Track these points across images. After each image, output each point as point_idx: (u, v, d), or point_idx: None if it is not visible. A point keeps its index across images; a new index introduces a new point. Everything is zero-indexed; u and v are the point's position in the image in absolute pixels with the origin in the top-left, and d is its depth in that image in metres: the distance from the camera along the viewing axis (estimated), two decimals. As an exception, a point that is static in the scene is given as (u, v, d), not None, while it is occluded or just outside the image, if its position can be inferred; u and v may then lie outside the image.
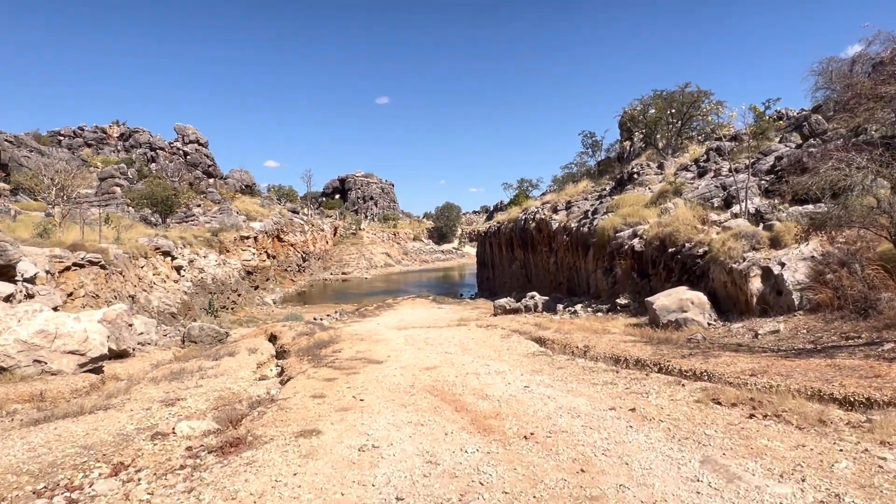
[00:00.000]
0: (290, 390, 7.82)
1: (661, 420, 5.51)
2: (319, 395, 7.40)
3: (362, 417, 6.19)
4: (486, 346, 12.50)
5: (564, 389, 7.24)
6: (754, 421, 5.26)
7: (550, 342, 13.80)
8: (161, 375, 10.16)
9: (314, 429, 5.72)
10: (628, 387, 7.21)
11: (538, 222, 31.95)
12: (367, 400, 7.06)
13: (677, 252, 17.61)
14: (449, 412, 6.29)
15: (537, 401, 6.65)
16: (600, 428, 5.43)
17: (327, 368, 9.49)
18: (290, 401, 7.10)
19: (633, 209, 23.09)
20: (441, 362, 10.00)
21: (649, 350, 10.72)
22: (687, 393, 6.58)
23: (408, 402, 6.84)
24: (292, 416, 6.30)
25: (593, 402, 6.43)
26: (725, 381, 7.36)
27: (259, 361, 12.50)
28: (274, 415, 6.43)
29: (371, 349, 12.24)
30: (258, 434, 5.75)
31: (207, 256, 34.66)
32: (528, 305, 23.73)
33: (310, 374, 9.15)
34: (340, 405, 6.83)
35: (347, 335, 16.10)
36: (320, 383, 8.24)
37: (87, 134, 53.41)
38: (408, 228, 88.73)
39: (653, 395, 6.58)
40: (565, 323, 17.04)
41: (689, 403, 6.07)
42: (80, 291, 18.28)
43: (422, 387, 7.70)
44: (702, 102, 32.13)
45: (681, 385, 7.06)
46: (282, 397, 7.40)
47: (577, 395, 6.90)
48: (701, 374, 8.27)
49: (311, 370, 9.46)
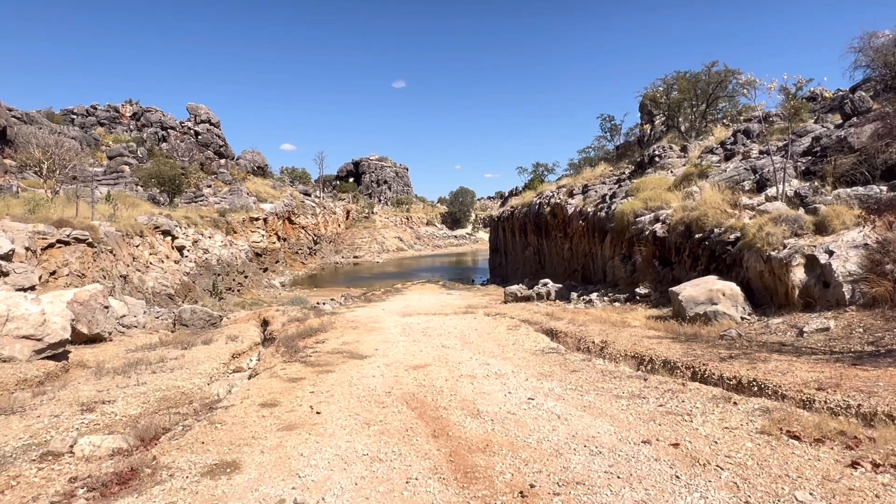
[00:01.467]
0: (240, 394, 6.25)
1: (719, 466, 3.80)
2: (271, 402, 5.82)
3: (306, 444, 4.58)
4: (489, 338, 10.85)
5: (579, 404, 5.56)
6: (863, 475, 3.54)
7: (563, 335, 12.11)
8: (112, 367, 8.66)
9: (233, 461, 4.14)
10: (662, 403, 5.50)
11: (553, 207, 30.08)
12: (324, 413, 5.47)
13: (705, 238, 15.73)
14: (423, 438, 4.66)
15: (543, 422, 5.00)
16: (634, 478, 3.72)
17: (299, 364, 7.91)
18: (231, 410, 5.53)
19: (654, 193, 21.12)
20: (434, 359, 8.37)
21: (679, 349, 8.98)
22: (743, 416, 4.87)
23: (375, 420, 5.24)
24: (218, 437, 4.74)
25: (619, 428, 4.74)
26: (787, 398, 5.63)
27: (236, 351, 10.96)
28: (199, 432, 4.87)
29: (360, 340, 10.64)
30: (163, 463, 4.18)
31: (213, 237, 33.29)
32: (540, 293, 21.98)
33: (276, 371, 7.57)
34: (288, 421, 5.24)
35: (343, 322, 14.56)
36: (282, 385, 6.66)
37: (100, 113, 52.22)
38: (421, 213, 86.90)
39: (698, 419, 4.88)
40: (580, 313, 15.29)
41: (753, 436, 4.35)
42: (64, 270, 16.92)
43: (400, 395, 6.08)
44: (729, 82, 29.82)
45: (731, 403, 5.33)
46: (224, 405, 5.81)
47: (595, 413, 5.21)
48: (750, 385, 6.54)
49: (280, 366, 7.89)
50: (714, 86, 30.02)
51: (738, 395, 5.68)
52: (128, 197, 33.15)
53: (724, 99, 31.11)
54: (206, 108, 53.49)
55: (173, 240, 26.94)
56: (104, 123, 52.08)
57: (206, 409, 5.81)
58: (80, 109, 52.22)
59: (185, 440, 4.67)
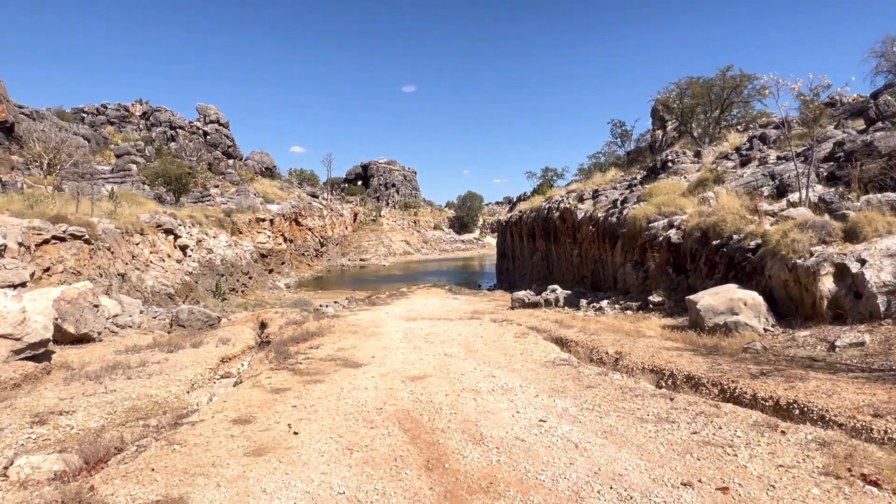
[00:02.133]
0: (213, 407, 5.49)
1: (786, 522, 3.01)
2: (246, 418, 5.06)
3: (273, 475, 3.80)
4: (495, 347, 10.04)
5: (599, 429, 4.75)
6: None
7: (574, 345, 11.28)
8: (87, 371, 7.93)
9: (180, 497, 3.39)
10: (696, 429, 4.68)
11: (562, 212, 29.25)
12: (303, 434, 4.69)
13: (723, 245, 14.87)
14: (415, 471, 3.88)
15: (558, 453, 4.19)
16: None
17: (287, 373, 7.14)
18: (198, 427, 4.77)
19: (668, 198, 20.25)
20: (434, 369, 7.58)
21: (702, 363, 8.15)
22: (797, 450, 4.05)
23: (360, 444, 4.45)
24: (173, 462, 3.98)
25: (650, 464, 3.93)
26: (839, 426, 4.80)
27: (226, 355, 10.21)
28: (153, 455, 4.10)
29: (357, 346, 9.86)
30: (99, 496, 3.42)
31: (218, 237, 32.68)
32: (548, 299, 21.15)
33: (261, 379, 6.80)
34: (259, 443, 4.46)
35: (342, 326, 13.79)
36: (262, 396, 5.90)
37: (111, 112, 51.92)
38: (429, 217, 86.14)
39: (743, 452, 4.06)
40: (590, 321, 14.45)
41: (817, 478, 3.52)
42: (59, 267, 16.28)
43: (393, 412, 5.30)
44: (744, 88, 28.95)
45: (778, 431, 4.50)
46: (192, 419, 5.05)
47: (619, 442, 4.40)
48: (790, 408, 5.70)
49: (266, 374, 7.12)
50: (729, 91, 29.17)
51: (784, 422, 4.84)
52: (133, 195, 32.64)
53: (739, 104, 30.26)
54: (216, 109, 53.09)
55: (176, 239, 26.31)
56: (114, 122, 51.79)
57: (172, 424, 5.06)
58: (91, 108, 51.95)
59: (135, 465, 3.92)
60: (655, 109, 39.07)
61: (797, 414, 5.65)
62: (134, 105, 53.30)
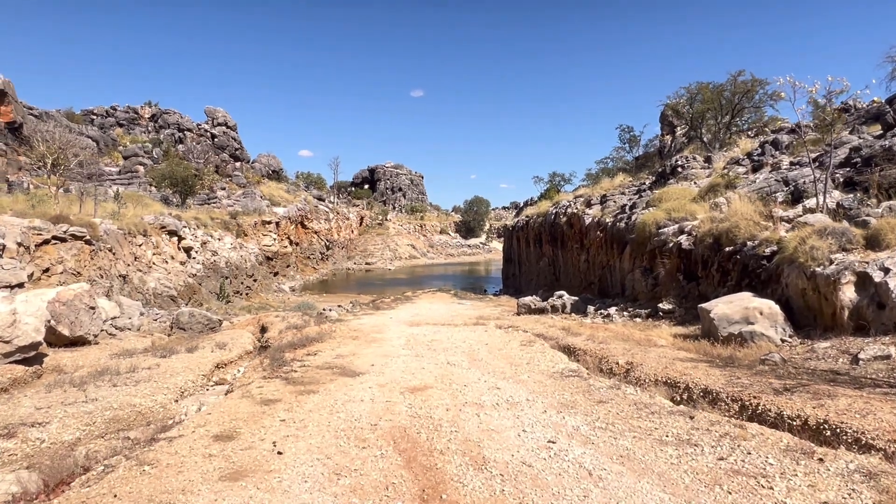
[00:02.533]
0: (196, 420, 5.07)
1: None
2: (229, 434, 4.63)
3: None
4: (500, 355, 9.58)
5: (615, 453, 4.28)
6: None
7: (582, 354, 10.80)
8: (73, 377, 7.53)
9: (137, 535, 2.94)
10: (722, 454, 4.20)
11: (570, 217, 28.77)
12: (288, 455, 4.25)
13: (736, 251, 14.36)
14: (408, 502, 3.43)
15: (570, 482, 3.73)
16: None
17: (279, 382, 6.71)
18: (175, 444, 4.35)
19: (678, 203, 19.74)
20: (436, 379, 7.13)
21: (719, 376, 7.65)
22: (840, 482, 3.57)
23: (349, 467, 4.01)
24: (139, 487, 3.55)
25: (676, 497, 3.45)
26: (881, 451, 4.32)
27: (221, 361, 9.80)
28: (119, 477, 3.68)
29: (356, 353, 9.43)
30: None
31: (223, 239, 32.38)
32: (554, 305, 20.65)
33: (251, 389, 6.38)
34: (239, 464, 4.03)
35: (344, 331, 13.37)
36: (250, 408, 5.47)
37: (120, 114, 51.91)
38: (435, 221, 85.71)
39: (779, 485, 3.59)
40: (599, 328, 13.96)
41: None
42: (58, 268, 15.96)
43: (388, 429, 4.85)
44: (756, 93, 28.39)
45: (815, 459, 4.03)
46: (171, 434, 4.63)
47: (639, 469, 3.94)
48: (820, 429, 5.21)
49: (258, 383, 6.69)
50: (740, 96, 28.64)
51: (820, 447, 4.36)
52: (139, 197, 32.41)
53: (750, 110, 29.72)
54: (224, 112, 52.99)
55: (180, 240, 25.99)
56: (123, 124, 51.76)
57: (148, 440, 4.63)
58: (100, 110, 51.95)
59: (99, 489, 3.50)
60: (664, 115, 38.54)
61: (829, 436, 5.16)
62: (143, 107, 53.29)
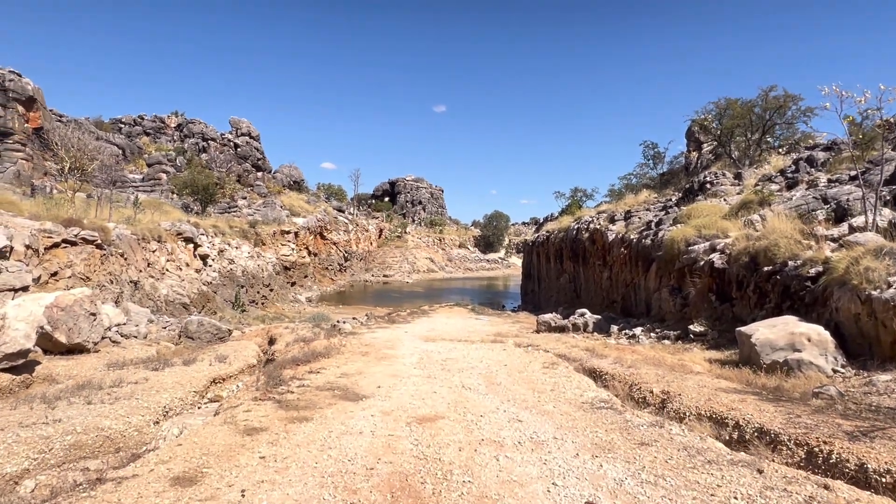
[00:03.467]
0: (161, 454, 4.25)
1: None
2: (191, 476, 3.81)
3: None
4: (521, 379, 8.65)
5: (672, 518, 3.36)
6: None
7: (610, 379, 9.83)
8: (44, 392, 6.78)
9: None
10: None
11: (592, 233, 27.73)
12: (258, 509, 3.40)
13: (775, 271, 13.28)
14: None
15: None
16: None
17: (271, 405, 5.88)
18: (122, 489, 3.53)
19: (708, 220, 18.66)
20: (449, 407, 6.24)
21: (773, 412, 6.62)
22: None
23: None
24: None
25: None
26: None
27: (218, 375, 9.01)
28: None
29: (363, 372, 8.57)
30: None
31: (240, 247, 31.93)
32: (576, 324, 19.63)
33: (237, 413, 5.55)
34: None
35: (354, 346, 12.54)
36: (229, 439, 4.65)
37: (147, 123, 52.31)
38: (454, 235, 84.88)
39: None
40: (625, 350, 12.92)
41: None
42: (66, 272, 15.45)
43: (387, 476, 3.98)
44: (788, 109, 27.20)
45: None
46: (122, 474, 3.81)
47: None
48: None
49: (245, 406, 5.87)
50: (771, 112, 27.47)
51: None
52: (160, 203, 32.21)
53: (782, 126, 28.51)
54: (248, 122, 53.08)
55: (196, 248, 25.53)
56: (150, 133, 52.12)
57: (94, 480, 3.81)
58: (128, 119, 52.42)
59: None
60: (691, 131, 37.42)
61: (931, 498, 4.16)
62: (170, 117, 53.67)
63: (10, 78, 33.35)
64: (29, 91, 33.99)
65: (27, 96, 33.80)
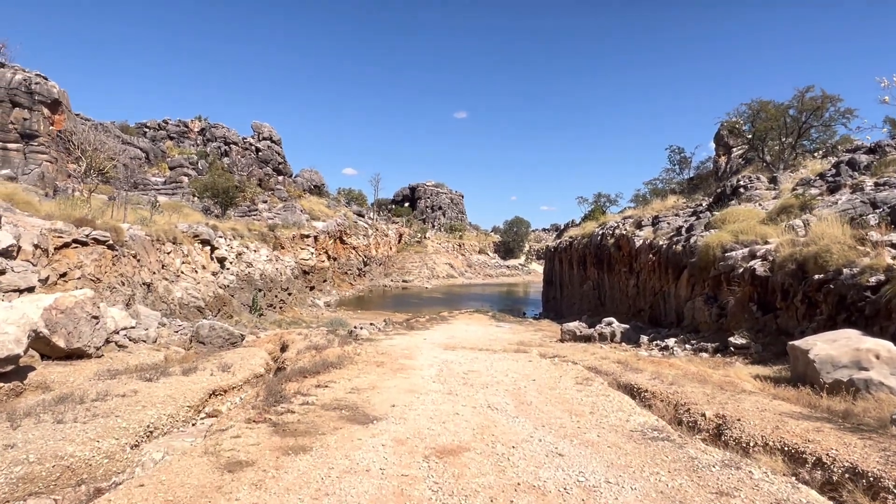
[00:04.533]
0: (118, 496, 3.33)
1: None
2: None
3: None
4: (554, 398, 7.62)
5: None
6: None
7: (651, 398, 8.74)
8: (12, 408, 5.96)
9: None
10: None
11: (618, 238, 26.53)
12: None
13: (828, 280, 12.05)
14: None
15: None
16: None
17: (266, 429, 4.96)
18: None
19: (746, 224, 17.42)
20: (474, 434, 5.26)
21: (861, 446, 5.49)
22: None
23: None
24: None
25: None
26: None
27: (219, 387, 8.15)
28: None
29: (377, 386, 7.62)
30: None
31: (259, 251, 31.35)
32: (602, 333, 18.48)
33: (223, 440, 4.64)
34: None
35: (370, 354, 11.62)
36: (205, 478, 3.74)
37: (171, 127, 52.38)
38: (474, 241, 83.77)
39: None
40: (662, 364, 11.77)
41: None
42: (76, 273, 14.82)
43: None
44: (826, 110, 25.74)
45: None
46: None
47: None
48: None
49: (236, 429, 4.96)
50: (808, 114, 26.02)
51: None
52: (180, 206, 31.80)
53: (818, 129, 27.01)
54: (270, 127, 52.84)
55: (213, 250, 24.92)
56: (173, 137, 52.17)
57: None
58: (153, 123, 52.56)
59: None
60: (720, 134, 36.01)
61: None
62: (193, 121, 53.70)
63: (37, 81, 33.36)
64: (55, 94, 33.96)
65: (52, 99, 33.76)
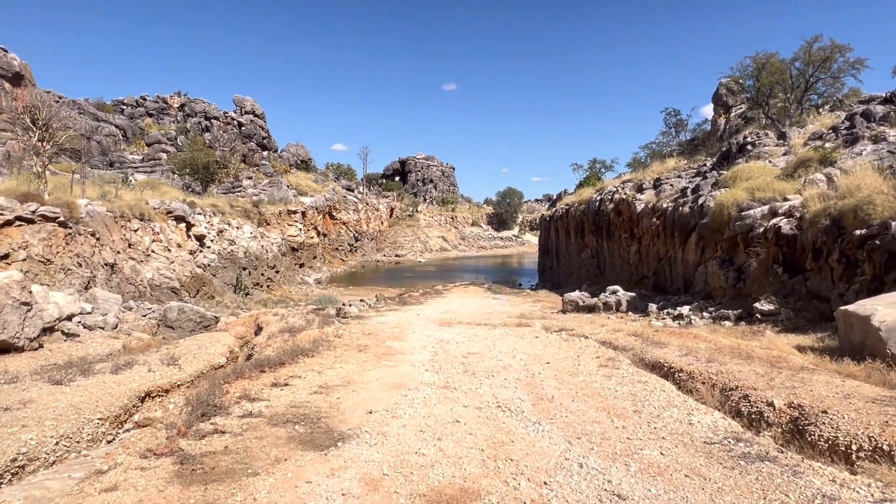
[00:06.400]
0: None
1: None
2: None
3: None
4: (580, 389, 5.98)
5: None
6: None
7: (689, 379, 7.16)
8: None
9: None
10: None
11: (618, 203, 24.79)
12: None
13: (872, 235, 10.40)
14: None
15: None
16: None
17: (166, 471, 3.27)
18: None
19: (761, 181, 15.74)
20: (483, 461, 3.61)
21: None
22: None
23: None
24: None
25: None
26: None
27: (158, 386, 6.44)
28: None
29: (353, 381, 5.95)
30: None
31: (241, 227, 29.40)
32: (607, 303, 16.86)
33: (90, 493, 2.91)
34: None
35: (354, 335, 9.95)
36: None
37: (149, 104, 49.60)
38: (466, 213, 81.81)
39: None
40: (685, 336, 10.14)
41: None
42: (20, 254, 12.97)
43: None
44: (834, 61, 23.87)
45: None
46: None
47: None
48: None
49: (117, 473, 3.23)
50: (816, 66, 24.16)
51: None
52: (158, 183, 29.66)
53: (826, 82, 25.17)
54: (252, 101, 50.24)
55: (189, 227, 22.97)
56: (153, 114, 49.49)
57: None
58: (130, 100, 49.79)
59: None
60: (718, 94, 34.15)
61: None
62: (172, 97, 50.93)
63: (-3, 54, 30.79)
64: (15, 67, 31.40)
65: (14, 72, 31.22)
